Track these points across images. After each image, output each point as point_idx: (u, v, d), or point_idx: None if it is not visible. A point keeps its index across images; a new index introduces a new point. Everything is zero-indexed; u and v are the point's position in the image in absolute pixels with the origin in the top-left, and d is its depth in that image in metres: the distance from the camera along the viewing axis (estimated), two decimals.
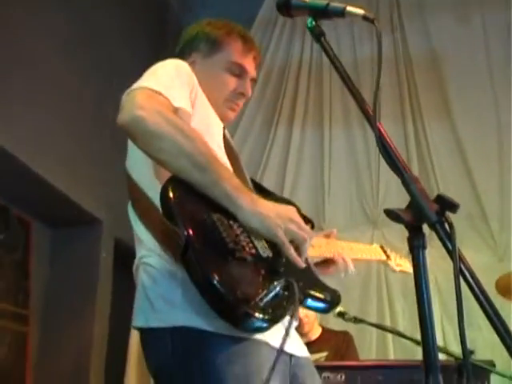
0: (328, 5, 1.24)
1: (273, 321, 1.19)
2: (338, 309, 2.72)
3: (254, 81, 1.62)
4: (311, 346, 3.26)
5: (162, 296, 1.27)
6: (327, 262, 1.64)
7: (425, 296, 0.87)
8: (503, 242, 4.47)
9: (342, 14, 1.22)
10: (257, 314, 1.14)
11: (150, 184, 1.34)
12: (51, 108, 3.75)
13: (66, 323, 3.98)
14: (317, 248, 1.52)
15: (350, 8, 1.20)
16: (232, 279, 1.16)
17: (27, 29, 3.58)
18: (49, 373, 3.87)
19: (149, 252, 1.33)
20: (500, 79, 4.79)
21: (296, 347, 1.40)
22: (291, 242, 1.26)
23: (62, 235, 4.19)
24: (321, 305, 1.37)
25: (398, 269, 1.85)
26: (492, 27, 4.94)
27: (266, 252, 1.26)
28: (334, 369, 2.49)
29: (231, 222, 1.24)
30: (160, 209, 1.23)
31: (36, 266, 3.98)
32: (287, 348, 1.31)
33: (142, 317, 1.31)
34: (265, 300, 1.15)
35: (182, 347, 1.23)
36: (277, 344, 1.27)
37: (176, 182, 1.24)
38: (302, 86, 5.04)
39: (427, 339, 0.85)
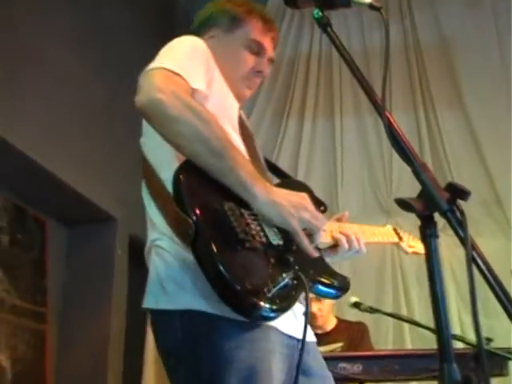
0: None
1: (280, 311, 1.20)
2: (354, 299, 2.72)
3: (271, 61, 1.60)
4: (326, 336, 3.27)
5: (174, 279, 1.27)
6: (337, 246, 1.63)
7: (438, 284, 0.87)
8: None
9: (348, 3, 1.22)
10: (264, 305, 1.15)
11: (166, 165, 1.33)
12: (64, 107, 3.78)
13: (83, 320, 4.02)
14: (328, 232, 1.52)
15: None
16: (241, 269, 1.16)
17: (37, 28, 3.60)
18: (67, 370, 3.91)
19: (161, 235, 1.33)
20: (510, 62, 4.75)
21: (297, 329, 1.37)
22: (304, 230, 1.27)
23: (77, 233, 4.23)
24: (331, 291, 1.37)
25: (410, 250, 1.84)
26: (502, 12, 4.89)
27: (276, 240, 1.26)
28: (351, 359, 2.49)
29: (243, 211, 1.24)
30: (172, 194, 1.24)
31: (53, 264, 4.01)
32: (295, 333, 1.33)
33: (153, 298, 1.32)
34: (273, 291, 1.16)
35: (191, 330, 1.24)
36: (286, 329, 1.29)
37: (189, 167, 1.24)
38: (312, 77, 5.02)
39: (441, 328, 0.85)
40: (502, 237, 4.45)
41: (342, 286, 1.40)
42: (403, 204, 0.92)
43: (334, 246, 1.54)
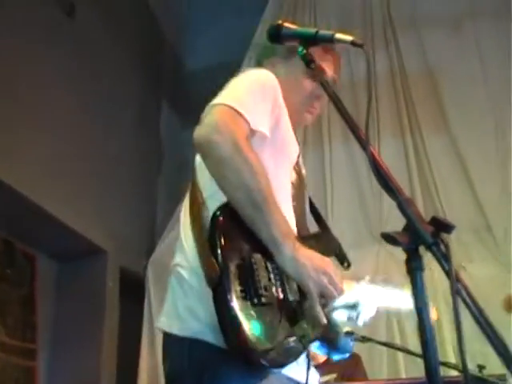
0: (317, 32, 1.28)
1: (281, 366, 1.26)
2: (346, 329, 2.71)
3: (334, 82, 1.64)
4: (319, 368, 3.24)
5: (189, 307, 1.31)
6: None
7: (425, 316, 0.89)
8: (509, 252, 4.46)
9: (331, 40, 1.25)
10: (266, 362, 1.20)
11: (214, 198, 1.36)
12: (54, 142, 3.80)
13: (73, 356, 3.97)
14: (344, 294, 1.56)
15: (338, 35, 1.23)
16: (252, 324, 1.20)
17: (30, 67, 3.64)
18: None
19: (185, 262, 1.37)
20: (496, 89, 4.82)
21: (303, 375, 1.41)
22: (320, 293, 1.31)
23: (68, 268, 4.21)
24: (332, 351, 1.49)
25: None
26: (485, 38, 4.99)
27: (293, 295, 1.31)
28: None
29: (268, 264, 1.29)
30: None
31: (42, 300, 3.98)
32: (297, 376, 1.36)
33: (167, 321, 1.36)
34: (277, 350, 1.21)
35: (197, 360, 1.27)
36: (288, 372, 1.32)
37: (228, 209, 1.28)
38: None
39: (429, 358, 0.86)
40: (493, 262, 4.46)
41: (343, 349, 1.51)
42: (389, 238, 0.94)
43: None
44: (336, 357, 1.45)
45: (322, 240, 1.53)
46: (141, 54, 5.18)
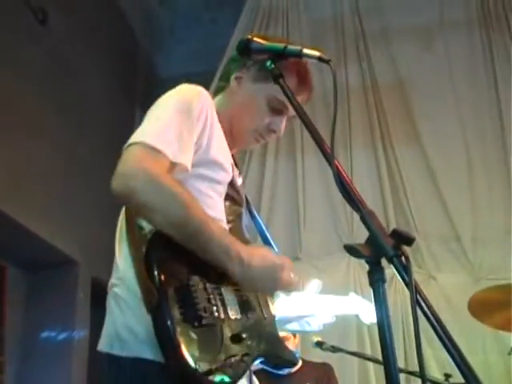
0: (286, 47, 1.29)
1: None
2: (316, 338, 2.73)
3: (290, 117, 1.59)
4: (292, 378, 3.26)
5: (128, 327, 1.29)
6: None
7: (385, 326, 0.91)
8: (477, 262, 4.54)
9: (299, 55, 1.27)
10: (212, 381, 1.19)
11: None
12: (24, 150, 3.76)
13: (42, 369, 3.92)
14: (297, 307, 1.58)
15: (306, 50, 1.25)
16: (193, 346, 1.19)
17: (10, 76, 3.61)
18: None
19: (120, 281, 1.35)
20: (464, 101, 4.94)
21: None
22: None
23: (38, 279, 4.16)
24: (277, 366, 1.47)
25: (367, 322, 1.90)
26: (455, 52, 5.11)
27: (235, 313, 1.32)
28: None
29: (207, 285, 1.28)
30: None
31: (11, 311, 3.92)
32: None
33: (108, 342, 1.33)
34: (219, 368, 1.21)
35: (140, 377, 1.26)
36: None
37: (161, 237, 1.26)
38: None
39: (389, 364, 0.89)
40: (462, 272, 4.54)
41: (289, 361, 1.47)
42: (352, 250, 0.96)
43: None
44: (281, 371, 1.47)
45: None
46: (115, 61, 5.17)
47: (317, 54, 1.25)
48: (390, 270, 0.98)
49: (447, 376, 2.33)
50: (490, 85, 4.94)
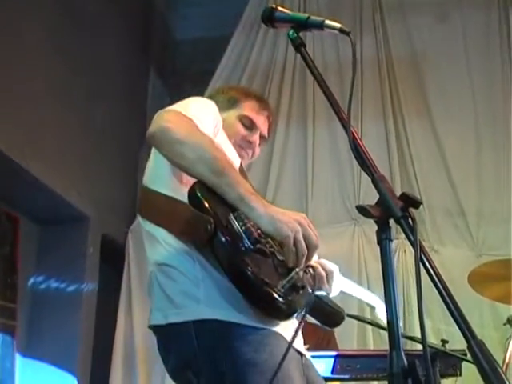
0: (308, 18, 1.35)
1: (291, 308, 1.28)
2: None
3: (264, 138, 1.82)
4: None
5: (184, 292, 1.34)
6: None
7: (390, 281, 0.99)
8: (481, 238, 4.61)
9: (320, 26, 1.32)
10: (280, 299, 1.23)
11: (165, 182, 1.47)
12: (40, 104, 3.81)
13: (52, 318, 4.04)
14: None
15: (327, 22, 1.30)
16: (256, 265, 1.25)
17: (19, 28, 3.64)
18: (35, 365, 3.94)
19: (168, 253, 1.40)
20: (479, 77, 4.94)
21: (304, 348, 1.49)
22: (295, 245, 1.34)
23: (50, 231, 4.25)
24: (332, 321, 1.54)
25: (381, 317, 2.01)
26: (471, 26, 5.08)
27: (278, 254, 1.34)
28: (315, 358, 2.60)
29: (252, 222, 1.32)
30: (186, 201, 1.34)
31: (23, 261, 4.04)
32: (299, 347, 1.42)
33: (160, 314, 1.37)
34: (286, 286, 1.25)
35: (206, 339, 1.30)
36: (295, 344, 1.36)
37: (202, 183, 1.35)
38: (286, 87, 5.13)
39: (391, 320, 0.96)
40: (464, 247, 4.62)
41: (340, 317, 1.62)
42: (362, 210, 1.03)
43: None
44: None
45: None
46: (130, 23, 5.17)
47: (338, 25, 1.31)
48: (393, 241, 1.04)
49: (444, 342, 2.42)
50: (504, 60, 4.93)
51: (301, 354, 1.43)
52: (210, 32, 5.39)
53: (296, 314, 1.31)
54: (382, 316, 2.00)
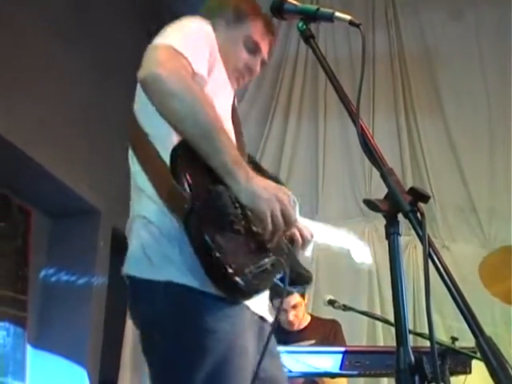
0: (318, 10, 1.33)
1: (256, 291, 1.30)
2: (329, 297, 2.82)
3: (264, 63, 1.68)
4: (300, 334, 3.39)
5: (160, 251, 1.34)
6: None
7: (398, 276, 0.98)
8: (492, 234, 4.59)
9: (330, 18, 1.30)
10: (243, 283, 1.24)
11: (163, 137, 1.38)
12: (52, 98, 3.82)
13: (63, 310, 4.06)
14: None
15: (337, 14, 1.29)
16: (227, 248, 1.24)
17: (27, 19, 3.64)
18: (46, 356, 3.97)
19: (149, 207, 1.38)
20: (492, 74, 4.89)
21: (265, 310, 1.48)
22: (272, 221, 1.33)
23: (61, 224, 4.27)
24: (294, 282, 1.45)
25: (359, 260, 1.95)
26: (484, 23, 5.03)
27: (256, 227, 1.32)
28: (322, 354, 2.60)
29: (232, 195, 1.30)
30: (167, 165, 1.30)
31: (35, 254, 4.06)
32: (263, 313, 1.44)
33: (136, 266, 1.37)
34: (254, 272, 1.25)
35: (174, 302, 1.31)
36: (256, 309, 1.40)
37: (186, 146, 1.30)
38: (298, 80, 5.12)
39: (399, 315, 0.95)
40: (476, 244, 4.59)
41: (306, 277, 1.51)
42: (371, 204, 1.02)
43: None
44: (295, 289, 1.51)
45: (264, 173, 1.53)
46: (138, 12, 5.11)
47: (348, 17, 1.29)
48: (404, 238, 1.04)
49: (454, 339, 2.41)
50: None
51: (263, 319, 1.45)
52: None
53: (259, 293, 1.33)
54: (358, 258, 1.96)
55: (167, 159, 1.30)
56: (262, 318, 1.44)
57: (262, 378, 1.35)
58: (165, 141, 1.35)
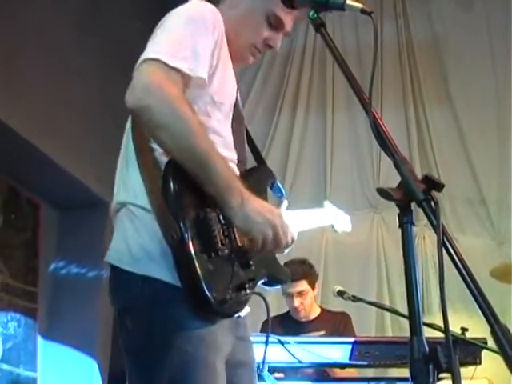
0: None
1: (236, 313, 1.36)
2: (338, 288, 2.82)
3: (286, 34, 1.59)
4: (309, 325, 3.39)
5: (142, 246, 1.34)
6: None
7: (411, 266, 0.97)
8: (502, 227, 4.57)
9: (341, 7, 1.29)
10: (223, 311, 1.30)
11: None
12: (61, 91, 3.82)
13: (72, 302, 4.08)
14: None
15: (349, 2, 1.27)
16: (211, 276, 1.27)
17: (36, 10, 3.64)
18: (56, 347, 4.00)
19: (135, 200, 1.38)
20: (501, 64, 4.86)
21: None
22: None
23: (70, 217, 4.28)
24: (273, 285, 1.53)
25: (340, 230, 1.96)
26: (494, 12, 4.99)
27: (241, 241, 1.36)
28: (332, 344, 2.60)
29: (220, 216, 1.32)
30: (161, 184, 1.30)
31: (44, 246, 4.08)
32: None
33: (117, 256, 1.38)
34: (234, 298, 1.30)
35: (150, 295, 1.32)
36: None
37: (177, 167, 1.30)
38: (306, 72, 5.11)
39: (413, 305, 0.95)
40: (486, 236, 4.57)
41: (284, 279, 1.56)
42: (384, 193, 1.01)
43: None
44: (274, 286, 1.54)
45: (259, 174, 1.57)
46: (149, 6, 5.12)
47: (359, 5, 1.27)
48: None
49: (464, 329, 2.40)
50: None
51: (238, 316, 1.45)
52: None
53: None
54: (340, 229, 1.96)
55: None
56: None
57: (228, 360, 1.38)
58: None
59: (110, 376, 4.10)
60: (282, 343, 2.50)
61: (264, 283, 1.47)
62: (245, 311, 1.44)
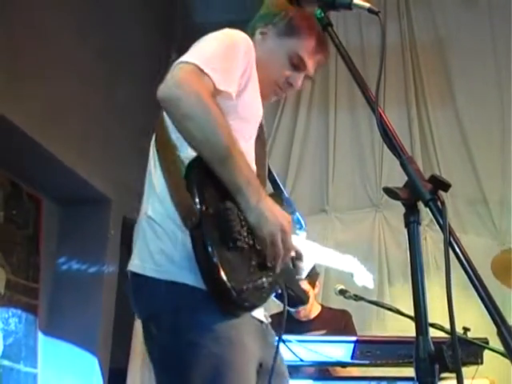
0: None
1: (251, 309, 1.36)
2: (340, 287, 2.83)
3: (308, 77, 1.66)
4: (310, 323, 3.39)
5: (163, 251, 1.37)
6: None
7: (418, 265, 0.97)
8: (504, 226, 4.56)
9: (348, 6, 1.29)
10: (240, 301, 1.30)
11: (186, 145, 1.39)
12: (64, 87, 3.82)
13: (74, 298, 4.09)
14: None
15: (356, 1, 1.28)
16: (228, 265, 1.28)
17: (39, 6, 3.64)
18: (57, 343, 4.00)
19: (157, 207, 1.41)
20: (504, 64, 4.85)
21: (263, 314, 1.51)
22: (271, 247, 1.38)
23: (72, 213, 4.29)
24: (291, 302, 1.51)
25: (360, 284, 1.98)
26: (497, 12, 4.98)
27: (260, 244, 1.37)
28: (333, 343, 2.60)
29: (239, 212, 1.34)
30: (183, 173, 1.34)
31: (46, 242, 4.08)
32: (258, 315, 1.47)
33: (140, 264, 1.40)
34: (251, 289, 1.31)
35: (174, 300, 1.34)
36: (255, 313, 1.43)
37: (200, 162, 1.34)
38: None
39: (419, 304, 0.95)
40: (488, 236, 4.57)
41: (301, 299, 1.57)
42: (390, 192, 1.01)
43: None
44: (292, 308, 1.54)
45: (278, 200, 1.58)
46: (153, 7, 5.15)
47: (367, 5, 1.28)
48: None
49: (466, 329, 2.40)
50: None
51: (260, 322, 1.48)
52: (232, 16, 5.34)
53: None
54: (360, 282, 1.98)
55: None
56: (260, 321, 1.47)
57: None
58: (188, 147, 1.38)
59: (111, 372, 4.11)
60: (283, 342, 2.50)
61: (279, 295, 1.44)
62: (267, 318, 1.47)
